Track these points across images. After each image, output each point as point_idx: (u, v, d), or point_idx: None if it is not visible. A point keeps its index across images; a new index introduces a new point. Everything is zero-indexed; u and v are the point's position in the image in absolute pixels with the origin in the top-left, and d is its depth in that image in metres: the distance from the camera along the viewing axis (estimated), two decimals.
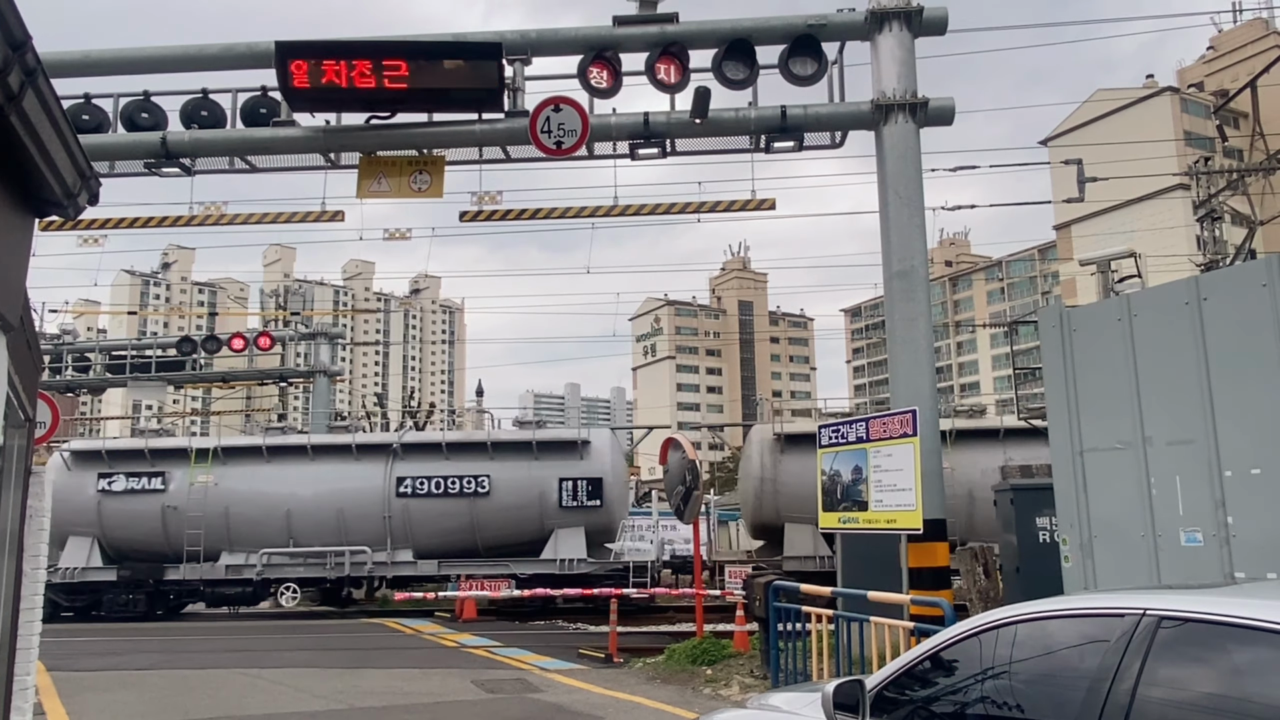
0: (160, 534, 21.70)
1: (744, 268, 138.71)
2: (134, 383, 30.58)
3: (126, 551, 22.02)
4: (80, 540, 21.81)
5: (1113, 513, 7.73)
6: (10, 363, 3.94)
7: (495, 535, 21.66)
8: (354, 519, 21.46)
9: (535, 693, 10.74)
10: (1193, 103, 76.50)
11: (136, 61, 13.57)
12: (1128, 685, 2.82)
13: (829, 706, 3.69)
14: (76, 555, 21.71)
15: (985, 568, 13.05)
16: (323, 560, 21.37)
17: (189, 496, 21.54)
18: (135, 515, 21.76)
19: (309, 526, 21.53)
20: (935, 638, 3.77)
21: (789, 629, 9.92)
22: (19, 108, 3.06)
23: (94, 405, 75.76)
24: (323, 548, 21.43)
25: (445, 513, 21.47)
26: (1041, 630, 3.32)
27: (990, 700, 3.37)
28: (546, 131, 12.77)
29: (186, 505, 21.49)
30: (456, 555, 21.61)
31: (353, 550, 21.30)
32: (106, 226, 14.94)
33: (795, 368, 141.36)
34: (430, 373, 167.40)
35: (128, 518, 21.78)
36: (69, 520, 21.55)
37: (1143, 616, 2.92)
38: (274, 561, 21.46)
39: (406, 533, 21.50)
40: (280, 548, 21.52)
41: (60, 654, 13.96)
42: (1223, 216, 23.92)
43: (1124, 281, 19.78)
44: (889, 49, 12.77)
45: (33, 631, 5.54)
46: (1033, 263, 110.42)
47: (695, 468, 13.98)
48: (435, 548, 21.68)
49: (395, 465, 21.75)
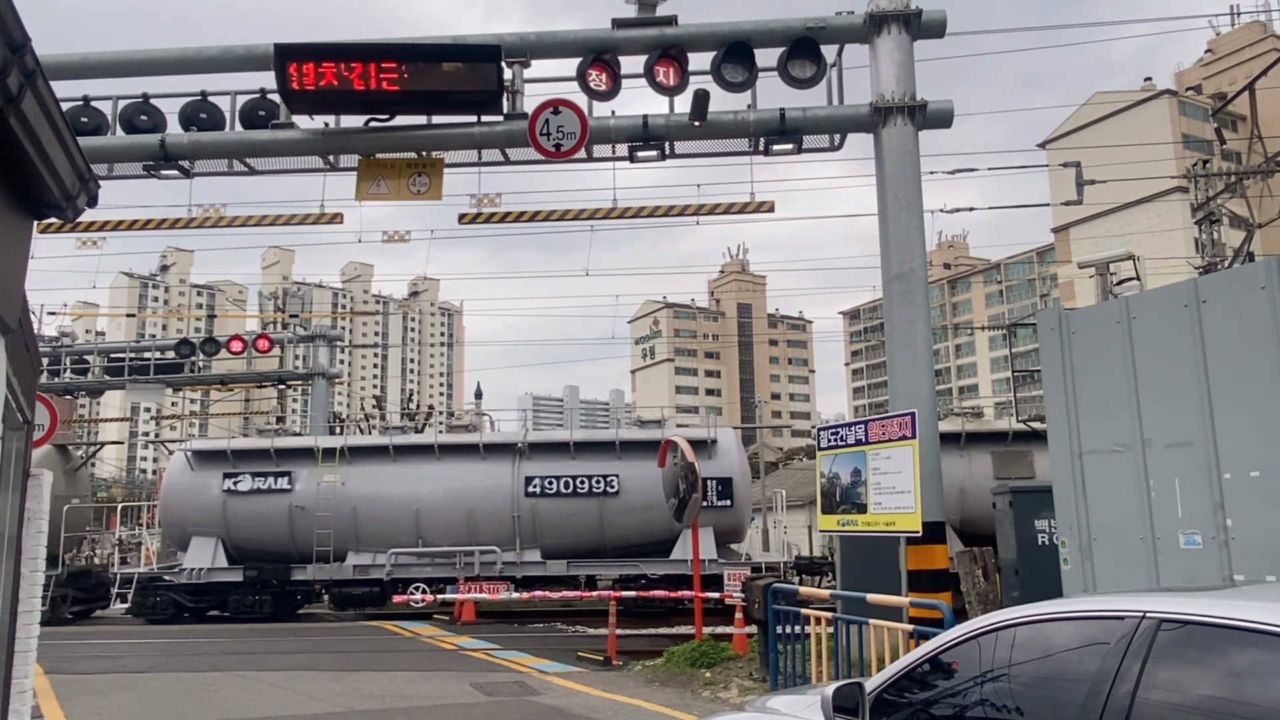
0: (287, 534, 21.44)
1: (743, 270, 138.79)
2: (132, 385, 30.55)
3: (249, 552, 21.75)
4: (204, 540, 21.56)
5: (1112, 515, 7.73)
6: (9, 365, 3.93)
7: (623, 535, 21.40)
8: (482, 519, 21.21)
9: (534, 695, 10.73)
10: (1191, 105, 76.58)
11: (135, 64, 13.58)
12: (1128, 688, 2.82)
13: (828, 709, 3.68)
14: (201, 555, 21.46)
15: (984, 570, 13.06)
16: (452, 560, 21.10)
17: (317, 496, 21.26)
18: (261, 515, 21.50)
19: (438, 526, 21.28)
20: (935, 640, 3.76)
21: (788, 631, 9.91)
22: (18, 110, 3.06)
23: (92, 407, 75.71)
24: (451, 547, 21.15)
25: (574, 513, 21.22)
26: (1041, 633, 3.32)
27: (990, 703, 3.36)
28: (545, 134, 12.77)
29: (315, 505, 21.17)
30: (583, 555, 21.37)
31: (482, 550, 21.07)
32: (105, 229, 14.93)
33: (794, 370, 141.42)
34: (429, 375, 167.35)
35: (253, 518, 21.51)
36: (193, 520, 21.45)
37: (1142, 619, 2.92)
38: (402, 561, 21.25)
39: (535, 533, 21.24)
40: (409, 548, 21.27)
41: (59, 657, 13.94)
42: (1221, 219, 23.93)
43: (1123, 284, 19.76)
44: (888, 52, 12.78)
45: (31, 634, 5.53)
46: (1031, 265, 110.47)
47: (694, 470, 13.98)
48: (563, 548, 21.45)
49: (522, 465, 21.52)
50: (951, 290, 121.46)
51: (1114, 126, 74.07)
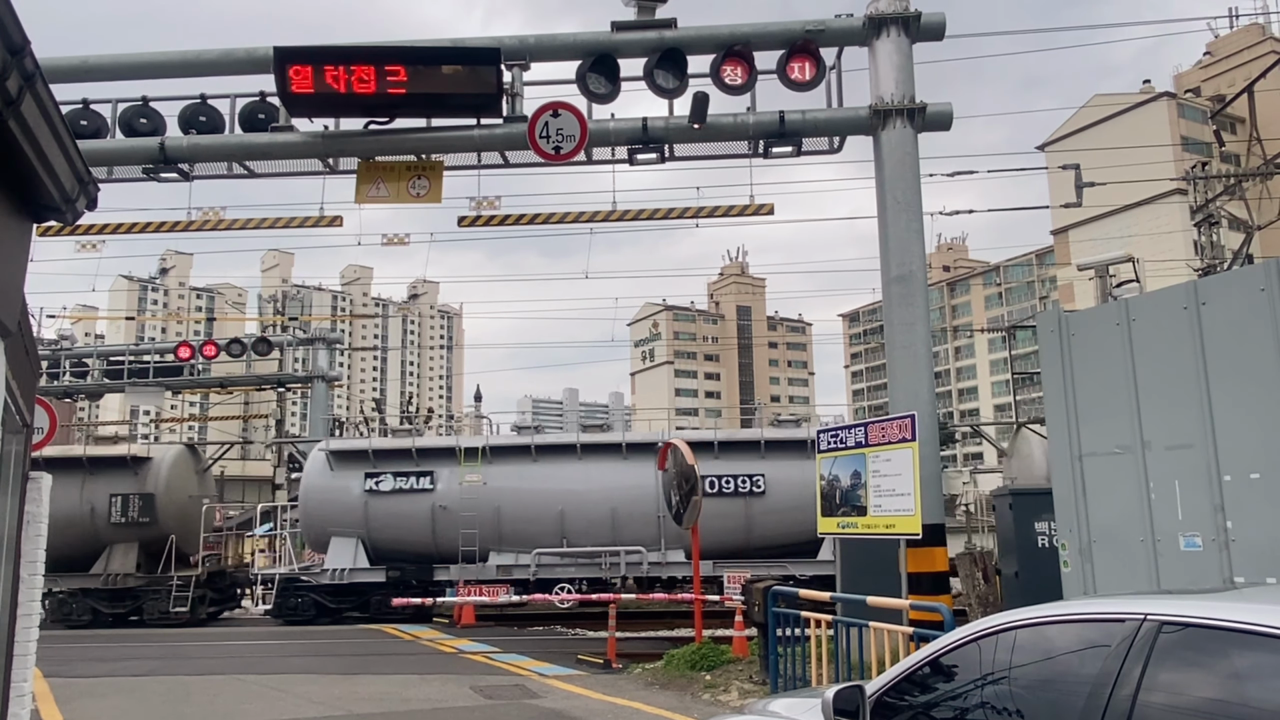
0: (429, 534, 21.27)
1: (742, 273, 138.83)
2: (131, 388, 30.54)
3: (389, 552, 21.54)
4: (344, 541, 21.40)
5: (1112, 517, 7.73)
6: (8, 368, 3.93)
7: (769, 536, 21.19)
8: (626, 519, 21.01)
9: (534, 699, 10.72)
10: (1190, 108, 76.66)
11: (135, 67, 13.57)
12: (1129, 691, 2.81)
13: (829, 712, 3.67)
14: (342, 556, 21.30)
15: (984, 573, 13.05)
16: (597, 560, 20.91)
17: (460, 496, 21.06)
18: (403, 515, 21.32)
19: (582, 526, 21.09)
20: (935, 643, 3.75)
21: (788, 634, 9.90)
22: (17, 113, 3.06)
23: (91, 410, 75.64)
24: (596, 548, 20.95)
25: (719, 513, 20.82)
26: (1041, 635, 3.32)
27: (990, 706, 3.35)
28: (545, 137, 12.77)
29: (458, 505, 21.01)
30: (728, 556, 21.12)
31: (628, 550, 20.89)
32: (104, 232, 14.92)
33: (794, 373, 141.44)
34: (429, 378, 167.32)
35: (395, 518, 21.33)
36: (334, 520, 21.31)
37: (1143, 621, 2.91)
38: (546, 561, 21.08)
39: (679, 533, 20.65)
40: (553, 548, 21.10)
41: (58, 660, 13.93)
42: (1220, 221, 23.96)
43: (1122, 286, 19.77)
44: (887, 54, 12.79)
45: (30, 638, 5.52)
46: (1031, 268, 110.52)
47: (694, 473, 13.98)
48: (707, 548, 20.91)
49: None
50: (951, 292, 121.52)
51: (1113, 129, 74.14)
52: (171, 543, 22.37)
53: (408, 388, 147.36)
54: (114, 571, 22.04)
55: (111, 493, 22.30)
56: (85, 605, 21.91)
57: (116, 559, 22.27)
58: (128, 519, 22.18)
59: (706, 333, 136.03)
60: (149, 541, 22.44)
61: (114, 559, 22.28)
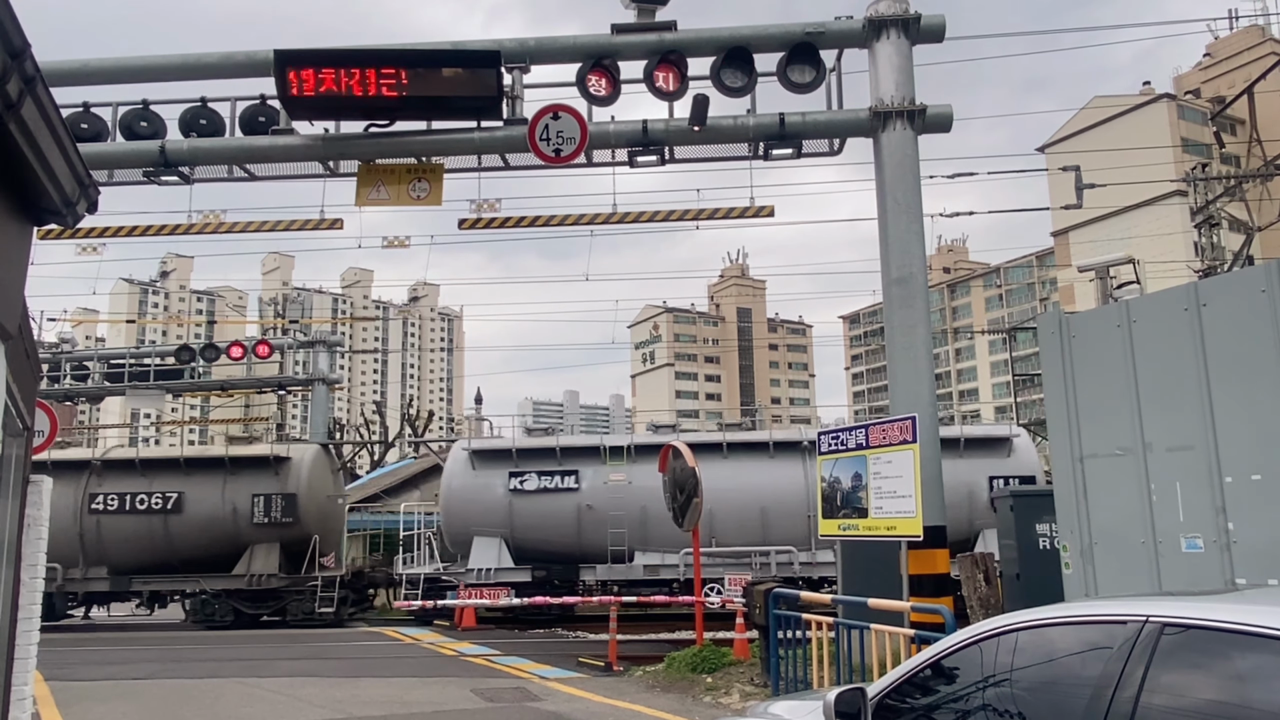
0: (573, 533, 21.08)
1: (743, 275, 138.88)
2: (132, 391, 30.50)
3: (531, 552, 21.35)
4: (488, 540, 21.20)
5: (1113, 519, 7.72)
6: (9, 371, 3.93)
7: None
8: (776, 518, 20.79)
9: (535, 701, 10.71)
10: (1190, 109, 76.69)
11: (135, 70, 13.58)
12: (1131, 693, 2.80)
13: (831, 715, 3.66)
14: (485, 556, 21.12)
15: (986, 574, 13.03)
16: (746, 560, 20.70)
17: (606, 495, 20.86)
18: (548, 514, 21.15)
19: (731, 526, 20.87)
20: (937, 645, 3.75)
21: (789, 636, 9.90)
22: (18, 116, 3.06)
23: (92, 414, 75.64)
24: (745, 547, 20.74)
25: None
26: (1043, 637, 3.31)
27: (992, 708, 3.35)
28: (545, 139, 12.77)
29: (604, 504, 20.76)
30: None
31: (778, 550, 20.65)
32: (105, 235, 14.92)
33: (794, 375, 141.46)
34: (429, 380, 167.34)
35: (539, 517, 21.17)
36: (476, 520, 21.19)
37: (1145, 623, 2.91)
38: None
39: None
40: (701, 547, 21.13)
41: (58, 663, 13.92)
42: (1220, 222, 23.95)
43: (1123, 288, 19.78)
44: (887, 56, 12.79)
45: (30, 641, 5.51)
46: (1031, 269, 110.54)
47: (695, 475, 13.97)
48: None
49: (811, 463, 21.07)
50: (951, 294, 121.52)
51: (1113, 130, 74.16)
52: (315, 543, 22.35)
53: (408, 390, 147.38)
54: (256, 572, 21.95)
55: (254, 493, 22.22)
56: (228, 606, 21.90)
57: (259, 559, 22.16)
58: (270, 519, 22.10)
59: (707, 335, 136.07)
60: (289, 542, 22.34)
61: (255, 559, 22.16)
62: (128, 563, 22.31)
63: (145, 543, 22.24)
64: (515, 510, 21.17)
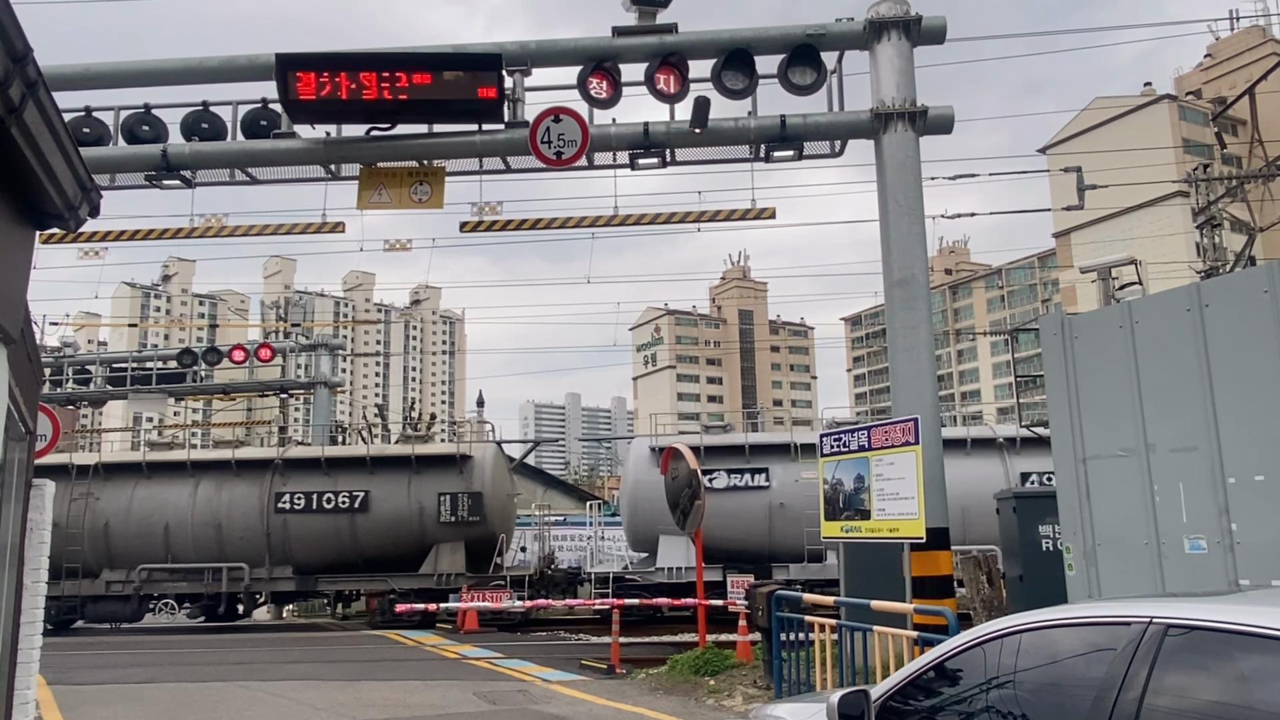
0: (764, 532, 20.78)
1: (744, 277, 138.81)
2: (135, 395, 30.57)
3: (720, 551, 20.79)
4: (674, 539, 20.73)
5: (1116, 521, 7.71)
6: (11, 375, 3.93)
7: None
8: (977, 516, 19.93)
9: (537, 704, 10.70)
10: (1191, 110, 76.67)
11: (137, 74, 13.60)
12: (1135, 694, 2.81)
13: (834, 718, 3.65)
14: (673, 555, 20.85)
15: (989, 576, 13.02)
16: None
17: (797, 493, 20.31)
18: (736, 513, 20.69)
19: None
20: (939, 647, 3.74)
21: (792, 639, 9.88)
22: (20, 120, 3.07)
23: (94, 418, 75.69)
24: None
25: None
26: (1046, 639, 3.31)
27: (995, 710, 3.35)
28: (546, 142, 12.78)
29: (796, 503, 20.10)
30: None
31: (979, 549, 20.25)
32: (107, 239, 14.95)
33: (796, 377, 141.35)
34: (431, 383, 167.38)
35: (728, 516, 20.47)
36: (663, 518, 20.42)
37: (1149, 625, 2.91)
38: None
39: None
40: None
41: (61, 667, 13.92)
42: (1222, 223, 23.92)
43: (1125, 289, 19.76)
44: (888, 58, 12.79)
45: (33, 645, 5.51)
46: (1033, 270, 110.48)
47: (697, 477, 13.97)
48: None
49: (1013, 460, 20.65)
50: (953, 296, 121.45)
51: (1114, 131, 74.18)
52: (502, 541, 22.35)
53: (410, 393, 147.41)
54: (443, 571, 21.86)
55: (440, 491, 22.13)
56: None
57: (444, 558, 22.07)
58: (457, 518, 22.02)
59: (708, 337, 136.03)
60: (473, 540, 22.26)
61: (441, 558, 22.07)
62: (313, 562, 22.24)
63: (331, 542, 22.16)
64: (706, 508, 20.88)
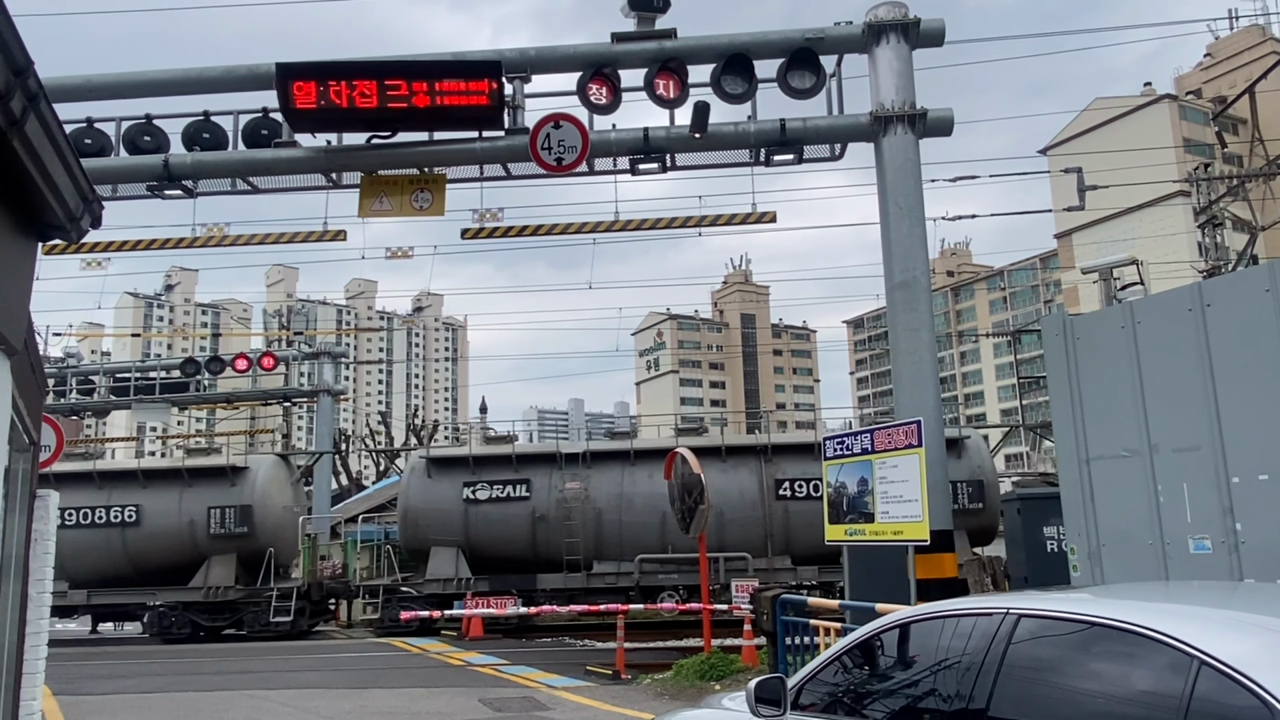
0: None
1: (746, 281, 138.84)
2: (138, 405, 30.57)
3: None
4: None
5: (1121, 521, 7.70)
6: (14, 386, 3.94)
7: None
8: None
9: (543, 710, 10.69)
10: (1191, 110, 76.69)
11: (138, 85, 13.64)
12: (993, 669, 3.34)
13: (751, 701, 4.02)
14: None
15: (993, 578, 13.00)
16: None
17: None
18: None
19: None
20: (845, 639, 4.22)
21: (797, 643, 9.87)
22: (21, 132, 3.08)
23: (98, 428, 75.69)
24: None
25: None
26: (933, 628, 3.80)
27: (890, 690, 3.88)
28: (547, 148, 12.80)
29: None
30: None
31: None
32: (109, 249, 14.96)
33: (798, 380, 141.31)
34: (434, 390, 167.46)
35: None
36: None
37: (1006, 614, 3.45)
38: None
39: None
40: None
41: (67, 678, 13.92)
42: (1224, 222, 23.92)
43: (1126, 289, 19.76)
44: (887, 61, 12.80)
45: (39, 655, 5.52)
46: (1034, 272, 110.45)
47: (700, 482, 13.95)
48: None
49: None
50: (955, 298, 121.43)
51: (1115, 132, 74.22)
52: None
53: (413, 400, 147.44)
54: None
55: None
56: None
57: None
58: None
59: (711, 341, 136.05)
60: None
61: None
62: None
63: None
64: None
